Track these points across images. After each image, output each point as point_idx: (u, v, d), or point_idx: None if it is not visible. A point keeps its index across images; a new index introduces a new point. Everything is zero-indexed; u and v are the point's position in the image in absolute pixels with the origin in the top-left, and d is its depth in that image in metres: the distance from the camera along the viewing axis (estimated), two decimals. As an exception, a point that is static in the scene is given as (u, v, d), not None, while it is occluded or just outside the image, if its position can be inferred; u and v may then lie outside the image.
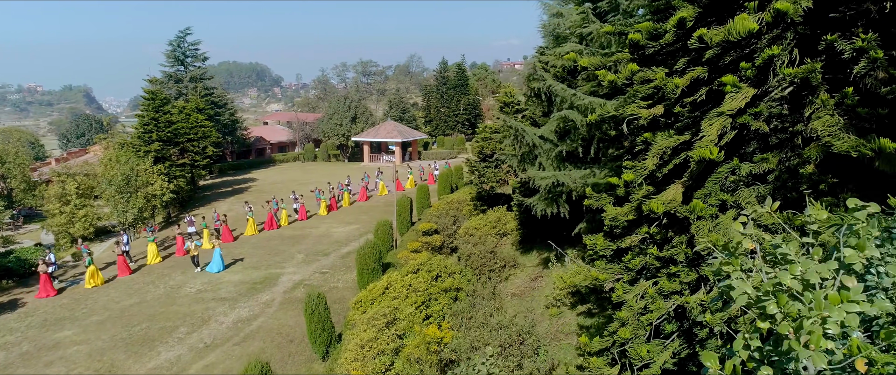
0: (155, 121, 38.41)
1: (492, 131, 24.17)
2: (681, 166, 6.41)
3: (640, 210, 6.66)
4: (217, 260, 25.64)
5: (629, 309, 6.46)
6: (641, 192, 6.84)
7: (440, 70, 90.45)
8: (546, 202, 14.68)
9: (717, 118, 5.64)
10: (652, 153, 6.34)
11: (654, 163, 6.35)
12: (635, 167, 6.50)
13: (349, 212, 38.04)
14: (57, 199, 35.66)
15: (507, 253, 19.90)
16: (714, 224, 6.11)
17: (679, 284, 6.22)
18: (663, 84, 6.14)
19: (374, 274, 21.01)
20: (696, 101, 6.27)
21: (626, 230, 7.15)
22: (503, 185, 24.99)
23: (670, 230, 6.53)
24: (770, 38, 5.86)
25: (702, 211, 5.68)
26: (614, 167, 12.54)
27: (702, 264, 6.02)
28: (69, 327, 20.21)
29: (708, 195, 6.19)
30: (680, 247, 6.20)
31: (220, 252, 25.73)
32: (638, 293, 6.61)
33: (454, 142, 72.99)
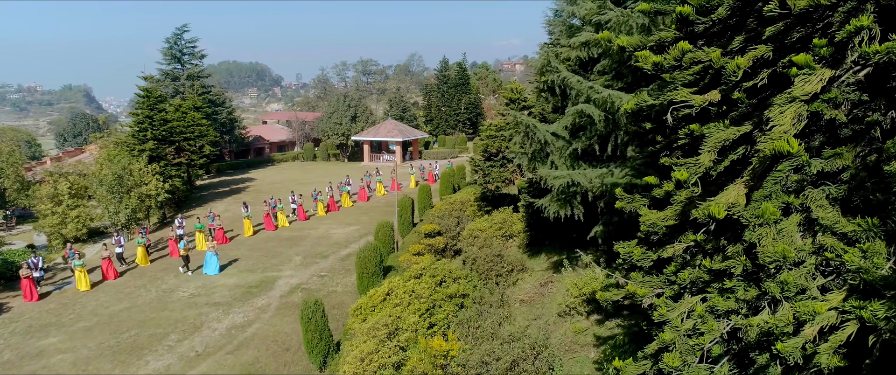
0: (150, 120, 37.44)
1: (497, 129, 23.23)
2: (738, 163, 5.49)
3: (686, 214, 5.73)
4: (213, 263, 24.73)
5: (674, 330, 5.53)
6: (684, 194, 5.91)
7: (441, 69, 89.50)
8: (559, 203, 13.73)
9: (789, 104, 4.71)
10: (707, 147, 5.40)
11: (710, 159, 5.42)
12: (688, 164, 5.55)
13: (349, 213, 37.08)
14: (49, 200, 34.72)
15: (514, 257, 18.94)
16: (777, 231, 5.16)
17: (735, 302, 5.29)
18: (721, 65, 5.21)
19: (375, 278, 20.06)
20: (757, 86, 5.34)
21: (667, 237, 6.22)
22: (509, 185, 24.05)
23: (722, 237, 5.60)
24: (846, 10, 4.92)
25: (772, 216, 4.73)
26: (637, 166, 11.58)
27: (765, 278, 5.07)
28: (55, 333, 19.27)
29: (768, 197, 5.24)
30: (738, 259, 5.26)
31: (215, 257, 24.80)
32: (684, 311, 5.69)
33: (455, 142, 72.07)
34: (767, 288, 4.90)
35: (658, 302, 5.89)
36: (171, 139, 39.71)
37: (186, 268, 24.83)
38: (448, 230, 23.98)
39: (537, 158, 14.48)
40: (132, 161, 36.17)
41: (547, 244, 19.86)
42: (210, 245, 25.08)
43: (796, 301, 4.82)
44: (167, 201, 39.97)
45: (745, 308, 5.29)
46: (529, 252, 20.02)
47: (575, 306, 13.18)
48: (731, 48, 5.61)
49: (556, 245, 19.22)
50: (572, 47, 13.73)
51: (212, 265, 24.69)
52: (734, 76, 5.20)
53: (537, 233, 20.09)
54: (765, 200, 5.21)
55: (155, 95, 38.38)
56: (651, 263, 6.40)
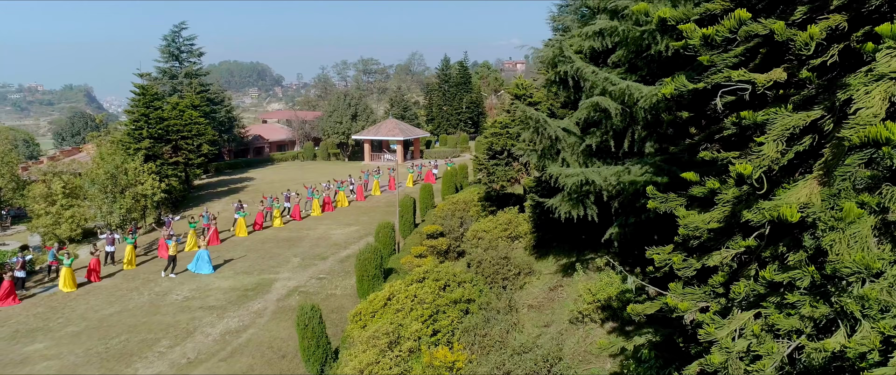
0: (145, 118, 36.65)
1: (502, 126, 22.41)
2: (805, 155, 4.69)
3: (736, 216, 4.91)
4: (204, 262, 23.96)
5: (724, 352, 4.72)
6: (731, 192, 5.10)
7: (442, 68, 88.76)
8: (571, 203, 12.89)
9: (875, 84, 3.90)
10: (772, 135, 4.58)
11: (776, 150, 4.60)
12: (753, 156, 4.73)
13: (348, 213, 36.27)
14: (42, 199, 33.92)
15: (521, 259, 18.12)
16: (848, 235, 4.33)
17: (799, 320, 4.47)
18: (787, 38, 4.40)
19: (375, 281, 19.24)
20: (825, 64, 4.54)
21: (713, 242, 5.40)
22: (514, 184, 23.23)
23: (780, 243, 4.79)
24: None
25: (854, 217, 3.90)
26: (657, 163, 10.75)
27: (836, 292, 4.24)
28: (41, 339, 18.45)
29: (836, 195, 4.42)
30: (804, 269, 4.44)
31: (206, 253, 24.00)
32: (735, 329, 4.88)
33: (457, 141, 71.25)
34: (844, 304, 4.08)
35: (703, 317, 5.08)
36: (167, 137, 38.92)
37: (170, 270, 23.95)
38: (451, 231, 23.16)
39: (547, 156, 13.65)
40: (127, 160, 35.39)
41: (555, 246, 19.03)
42: (200, 243, 24.28)
43: (878, 319, 4.00)
44: (164, 201, 39.16)
45: (811, 326, 4.48)
46: (537, 254, 19.19)
47: (588, 313, 12.35)
48: (793, 20, 4.81)
49: (565, 247, 18.39)
50: (585, 37, 12.89)
51: (203, 263, 23.93)
52: (806, 49, 4.38)
53: (545, 235, 19.26)
54: (834, 198, 4.38)
55: (151, 93, 37.59)
56: (694, 273, 5.59)
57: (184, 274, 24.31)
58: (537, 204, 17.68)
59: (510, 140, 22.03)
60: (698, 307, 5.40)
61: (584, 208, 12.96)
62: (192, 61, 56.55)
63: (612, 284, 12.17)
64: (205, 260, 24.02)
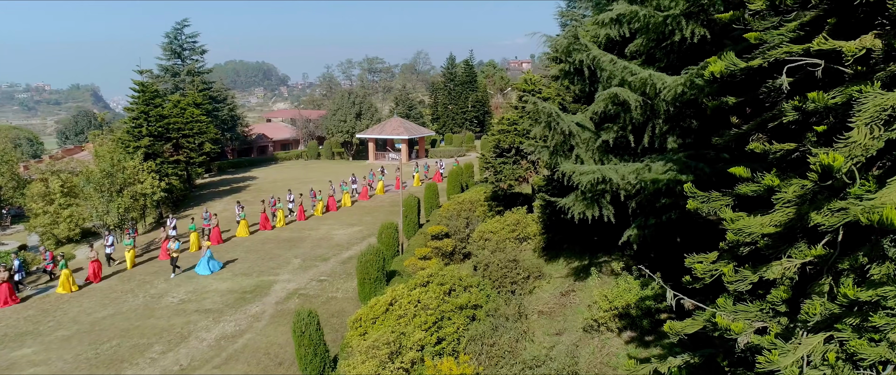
0: (145, 115, 35.95)
1: (510, 123, 21.54)
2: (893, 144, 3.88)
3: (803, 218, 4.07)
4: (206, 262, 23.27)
5: (791, 384, 3.88)
6: (792, 190, 4.26)
7: (448, 66, 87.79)
8: (585, 203, 12.02)
9: None
10: (862, 119, 3.74)
11: (867, 137, 3.76)
12: (840, 145, 3.88)
13: (351, 213, 35.47)
14: (40, 198, 33.33)
15: (530, 262, 17.25)
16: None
17: (888, 347, 3.64)
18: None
19: (378, 284, 18.42)
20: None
21: (772, 250, 4.55)
22: (522, 183, 22.37)
23: (859, 252, 3.95)
24: None
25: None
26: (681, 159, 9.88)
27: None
28: (31, 343, 17.73)
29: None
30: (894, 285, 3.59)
31: (208, 252, 23.30)
32: (802, 356, 4.05)
33: (463, 140, 70.36)
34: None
35: (759, 340, 4.25)
36: (167, 136, 38.23)
37: (176, 271, 23.32)
38: (457, 231, 22.32)
39: (559, 152, 12.78)
40: (126, 158, 34.72)
41: (566, 248, 18.16)
42: (204, 244, 23.57)
43: None
44: (164, 200, 38.49)
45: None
46: (546, 256, 18.32)
47: (604, 321, 11.48)
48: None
49: (577, 249, 17.52)
50: (601, 25, 12.02)
51: (205, 264, 23.24)
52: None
53: (555, 236, 18.39)
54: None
55: (151, 90, 36.89)
56: (750, 286, 4.73)
57: (181, 276, 23.57)
58: (548, 203, 16.83)
59: (518, 137, 21.17)
60: (755, 328, 4.56)
61: (600, 208, 12.08)
62: (194, 59, 55.87)
63: (630, 290, 11.30)
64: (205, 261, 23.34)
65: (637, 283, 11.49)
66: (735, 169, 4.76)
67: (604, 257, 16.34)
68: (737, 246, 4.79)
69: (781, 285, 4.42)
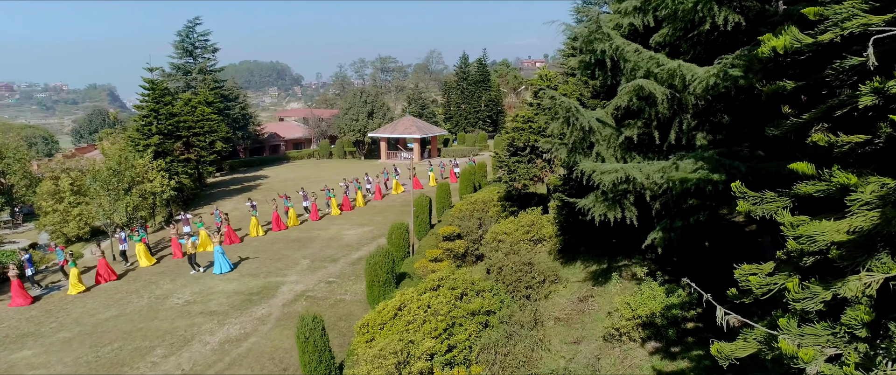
0: (155, 113, 35.62)
1: (524, 120, 20.80)
2: None
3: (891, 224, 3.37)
4: (220, 260, 22.83)
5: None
6: (869, 189, 3.54)
7: (460, 65, 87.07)
8: (606, 204, 11.26)
9: None
10: None
11: None
12: None
13: (363, 213, 34.89)
14: (50, 197, 33.09)
15: (545, 266, 16.49)
16: None
17: None
18: None
19: (387, 287, 17.76)
20: None
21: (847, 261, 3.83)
22: (537, 183, 21.61)
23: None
24: None
25: None
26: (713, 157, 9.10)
27: None
28: (31, 345, 17.29)
29: None
30: None
31: (221, 250, 22.83)
32: (891, 393, 3.35)
33: (476, 139, 69.62)
34: None
35: (834, 371, 3.53)
36: (177, 134, 37.88)
37: (196, 267, 22.92)
38: (469, 233, 21.61)
39: (578, 150, 12.03)
40: (135, 156, 34.41)
41: (583, 250, 17.38)
42: (216, 241, 23.11)
43: None
44: (174, 199, 38.17)
45: None
46: (562, 259, 17.56)
47: (626, 330, 10.72)
48: None
49: (595, 252, 16.74)
50: (623, 13, 11.26)
51: (219, 263, 22.83)
52: None
53: (572, 238, 17.63)
54: None
55: (161, 88, 36.55)
56: (821, 305, 3.98)
57: (188, 276, 23.09)
58: (564, 204, 16.07)
59: (534, 135, 20.42)
60: (828, 356, 3.84)
61: (622, 210, 11.32)
62: (206, 57, 55.64)
63: (654, 297, 10.53)
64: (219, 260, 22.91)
65: (662, 290, 10.72)
66: (798, 165, 4.04)
67: (624, 261, 15.55)
68: (800, 255, 4.07)
69: (860, 304, 3.69)
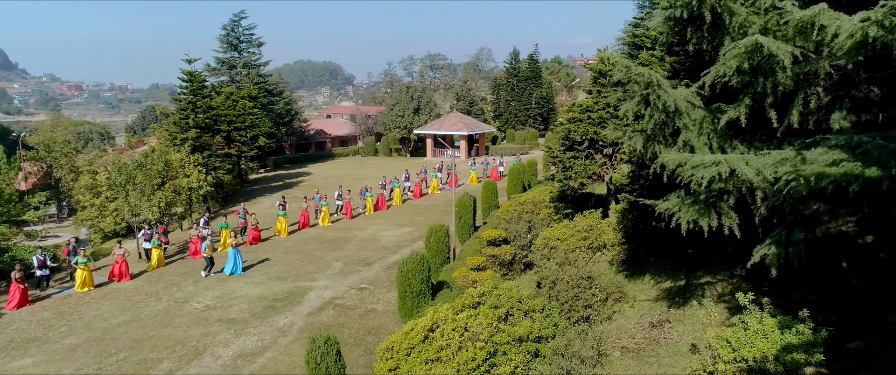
0: (193, 106, 34.47)
1: (582, 110, 18.15)
2: None
3: None
4: (232, 261, 21.12)
5: None
6: None
7: (511, 61, 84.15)
8: (697, 207, 8.61)
9: None
10: None
11: None
12: None
13: (403, 212, 32.80)
14: (87, 191, 32.38)
15: (606, 280, 13.85)
16: None
17: None
18: None
19: (421, 298, 15.47)
20: None
21: None
22: (596, 182, 18.92)
23: None
24: None
25: None
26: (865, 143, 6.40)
27: None
28: (35, 352, 15.81)
29: None
30: None
31: (236, 252, 21.11)
32: None
33: (526, 137, 66.72)
34: None
35: None
36: (216, 127, 36.69)
37: (208, 271, 21.23)
38: (517, 237, 19.13)
39: (658, 137, 9.41)
40: (173, 151, 33.36)
41: (653, 262, 14.64)
42: (232, 242, 21.39)
43: None
44: (212, 195, 37.06)
45: None
46: (627, 272, 14.86)
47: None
48: None
49: (668, 264, 13.98)
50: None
51: (230, 263, 21.11)
52: None
53: (639, 247, 14.91)
54: None
55: (199, 80, 35.39)
56: None
57: (212, 278, 21.45)
58: (632, 207, 13.40)
59: (593, 127, 17.74)
60: None
61: (718, 215, 8.63)
62: (251, 51, 54.82)
63: (764, 334, 7.83)
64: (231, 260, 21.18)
65: (773, 323, 8.01)
66: None
67: (706, 277, 12.76)
68: None
69: None
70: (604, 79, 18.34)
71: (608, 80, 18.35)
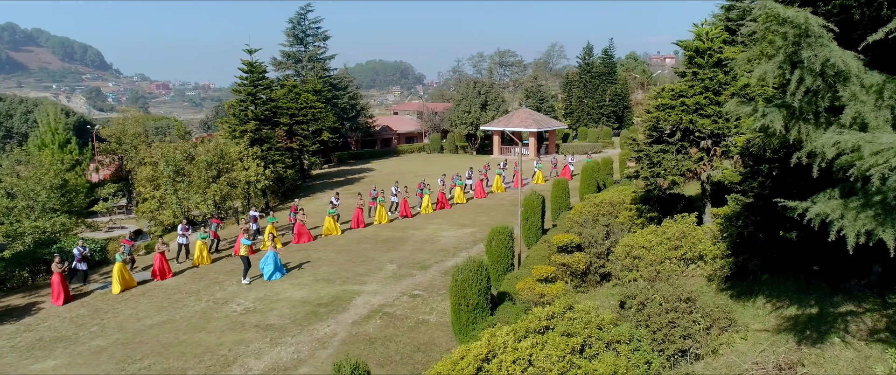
0: (252, 97, 33.56)
1: (674, 95, 15.28)
2: None
3: None
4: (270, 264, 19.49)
5: None
6: None
7: (584, 56, 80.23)
8: (874, 212, 5.86)
9: None
10: None
11: None
12: None
13: (465, 211, 30.57)
14: (148, 183, 32.07)
15: (707, 301, 11.06)
16: None
17: None
18: None
19: (478, 313, 13.15)
20: None
21: None
22: (690, 181, 16.00)
23: None
24: None
25: None
26: None
27: None
28: (60, 353, 14.65)
29: None
30: None
31: (275, 255, 19.49)
32: None
33: (599, 135, 63.06)
34: None
35: None
36: (275, 120, 35.68)
37: (246, 276, 19.66)
38: (592, 243, 16.48)
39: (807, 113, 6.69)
40: (231, 143, 32.55)
41: (767, 280, 11.71)
42: (271, 244, 19.79)
43: None
44: (271, 189, 36.13)
45: None
46: (734, 292, 12.00)
47: None
48: None
49: (791, 284, 11.05)
50: None
51: (268, 267, 19.47)
52: None
53: (748, 259, 12.00)
54: None
55: (259, 70, 34.45)
56: None
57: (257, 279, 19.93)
58: (749, 209, 10.56)
59: (687, 115, 14.86)
60: None
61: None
62: (317, 45, 54.08)
63: None
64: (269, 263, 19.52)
65: None
66: None
67: (847, 304, 9.79)
68: None
69: None
70: (701, 58, 15.40)
71: (707, 60, 15.40)
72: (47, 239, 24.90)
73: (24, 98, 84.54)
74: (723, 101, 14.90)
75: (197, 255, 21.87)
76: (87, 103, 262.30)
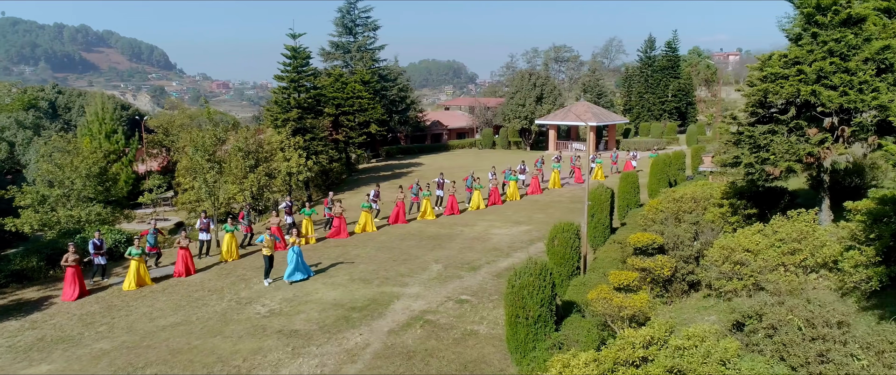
0: (295, 84, 31.80)
1: (788, 62, 12.23)
2: None
3: None
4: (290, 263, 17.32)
5: None
6: None
7: (645, 50, 76.03)
8: None
9: None
10: None
11: None
12: None
13: (519, 208, 27.89)
14: (187, 173, 30.82)
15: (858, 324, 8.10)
16: None
17: None
18: None
19: (540, 327, 10.53)
20: None
21: None
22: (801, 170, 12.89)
23: None
24: None
25: None
26: None
27: None
28: (58, 356, 12.88)
29: None
30: None
31: (297, 250, 17.30)
32: None
33: (663, 130, 59.03)
34: None
35: None
36: (319, 108, 33.85)
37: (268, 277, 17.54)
38: (677, 244, 13.59)
39: None
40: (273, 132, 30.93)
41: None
42: (289, 240, 17.66)
43: None
44: (314, 182, 34.38)
45: None
46: (883, 311, 8.97)
47: None
48: None
49: None
50: None
51: (290, 267, 17.29)
52: None
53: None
54: None
55: (303, 56, 32.68)
56: None
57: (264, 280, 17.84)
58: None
59: (807, 86, 11.81)
60: None
61: None
62: (366, 35, 52.27)
63: None
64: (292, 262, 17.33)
65: None
66: None
67: None
68: None
69: None
70: (823, 16, 12.28)
71: (830, 18, 12.27)
72: (73, 228, 23.69)
73: (82, 92, 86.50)
74: (853, 69, 11.77)
75: (225, 249, 20.09)
76: (151, 101, 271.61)
